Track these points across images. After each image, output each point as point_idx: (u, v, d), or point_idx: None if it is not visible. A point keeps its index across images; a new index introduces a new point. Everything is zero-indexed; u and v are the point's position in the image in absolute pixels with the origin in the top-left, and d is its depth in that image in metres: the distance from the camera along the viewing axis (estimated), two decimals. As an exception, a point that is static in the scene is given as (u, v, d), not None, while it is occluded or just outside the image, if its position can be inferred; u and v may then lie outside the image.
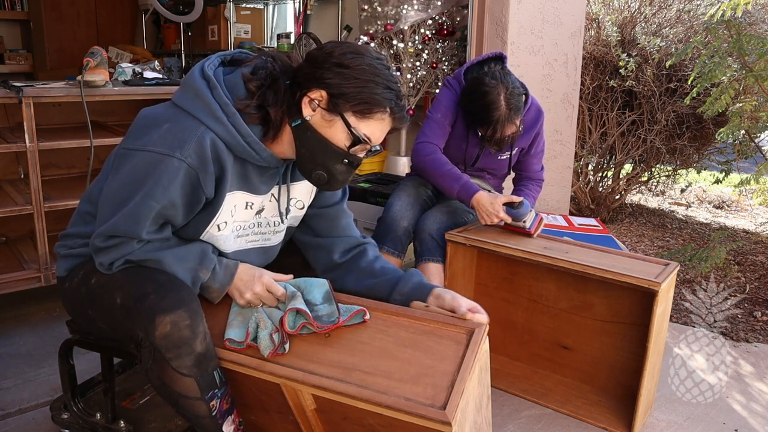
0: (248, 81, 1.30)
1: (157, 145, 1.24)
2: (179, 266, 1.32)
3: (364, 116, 1.30)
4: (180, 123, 1.27)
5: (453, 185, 2.10)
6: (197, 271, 1.34)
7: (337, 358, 1.25)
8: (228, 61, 1.39)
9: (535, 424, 1.92)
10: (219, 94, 1.28)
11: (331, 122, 1.30)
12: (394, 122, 1.34)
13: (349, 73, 1.27)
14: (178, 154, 1.23)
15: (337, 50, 1.29)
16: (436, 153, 2.15)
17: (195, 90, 1.29)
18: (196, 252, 1.35)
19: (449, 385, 1.16)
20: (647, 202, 4.78)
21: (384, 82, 1.29)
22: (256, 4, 4.76)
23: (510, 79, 2.02)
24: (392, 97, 1.30)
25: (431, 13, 3.26)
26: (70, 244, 1.45)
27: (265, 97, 1.30)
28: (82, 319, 1.47)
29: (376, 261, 1.56)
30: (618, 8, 3.99)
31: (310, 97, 1.29)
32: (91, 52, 2.37)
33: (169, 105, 1.33)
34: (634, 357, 1.96)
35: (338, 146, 1.32)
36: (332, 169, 1.34)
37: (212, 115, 1.27)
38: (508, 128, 2.03)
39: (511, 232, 2.09)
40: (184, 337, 1.22)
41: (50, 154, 2.63)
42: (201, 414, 1.30)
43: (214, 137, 1.27)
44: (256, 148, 1.31)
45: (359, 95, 1.27)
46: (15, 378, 2.07)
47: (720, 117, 3.62)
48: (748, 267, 3.29)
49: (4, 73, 4.99)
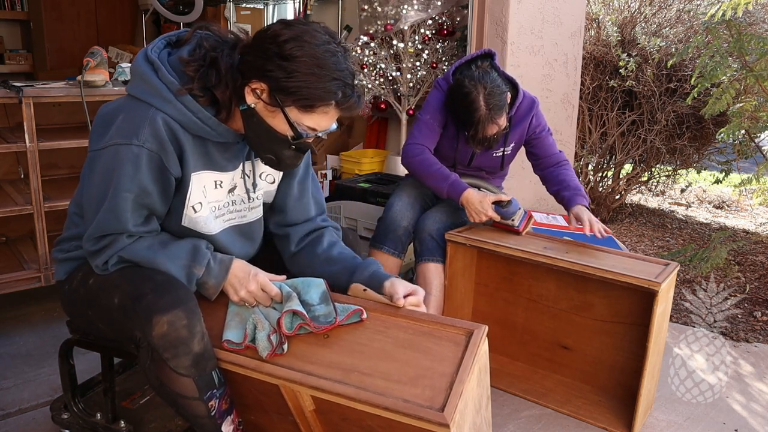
0: (186, 65, 1.28)
1: (114, 137, 1.25)
2: (172, 264, 1.32)
3: (306, 110, 1.28)
4: (132, 111, 1.28)
5: (442, 185, 2.10)
6: (191, 267, 1.34)
7: (336, 359, 1.25)
8: (174, 42, 1.37)
9: (535, 424, 1.92)
10: (164, 74, 1.27)
11: (274, 113, 1.29)
12: (341, 111, 1.31)
13: (290, 66, 1.23)
14: (135, 141, 1.24)
15: (281, 36, 1.24)
16: (424, 153, 2.13)
17: (140, 75, 1.29)
18: (187, 248, 1.35)
19: (448, 387, 1.16)
20: (647, 202, 4.77)
21: (328, 73, 1.24)
22: (256, 4, 4.75)
23: (489, 78, 1.98)
24: (337, 89, 1.26)
25: (431, 13, 3.26)
26: (66, 248, 1.46)
27: (207, 77, 1.28)
28: (82, 320, 1.47)
29: (332, 248, 1.53)
30: (618, 8, 3.99)
31: (251, 87, 1.28)
32: (91, 52, 2.37)
33: (124, 97, 1.34)
34: (634, 357, 1.96)
35: (283, 134, 1.31)
36: (280, 154, 1.34)
37: (160, 96, 1.27)
38: (489, 128, 2.00)
39: (500, 230, 2.11)
40: (181, 336, 1.22)
41: (50, 154, 2.63)
42: (200, 414, 1.30)
43: (165, 117, 1.27)
44: (210, 123, 1.31)
45: (300, 91, 1.24)
46: (15, 378, 2.07)
47: (720, 117, 3.61)
48: (748, 267, 3.29)
49: (4, 73, 4.99)
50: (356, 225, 3.07)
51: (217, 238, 1.43)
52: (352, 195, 3.10)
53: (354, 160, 3.64)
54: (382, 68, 3.38)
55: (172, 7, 4.23)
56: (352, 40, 3.72)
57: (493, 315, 2.24)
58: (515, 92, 2.13)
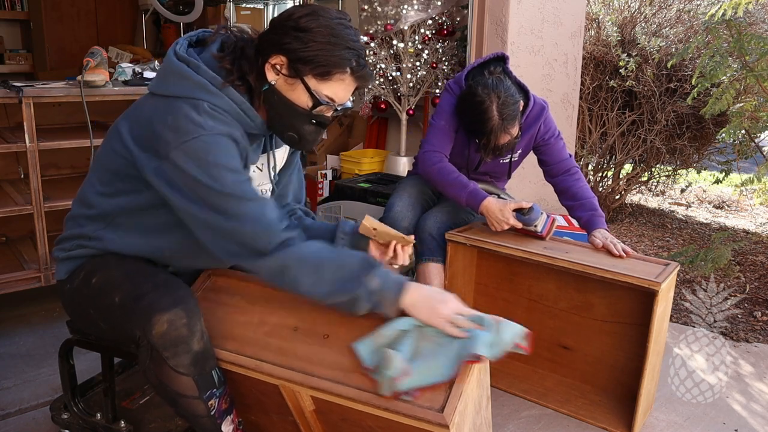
0: (220, 60, 1.31)
1: (179, 137, 1.22)
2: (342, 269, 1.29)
3: (324, 78, 1.30)
4: (178, 108, 1.25)
5: (461, 193, 2.07)
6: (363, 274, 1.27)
7: (336, 359, 1.25)
8: (194, 41, 1.39)
9: (535, 424, 1.92)
10: (204, 71, 1.28)
11: (293, 85, 1.31)
12: (356, 81, 1.34)
13: (306, 36, 1.27)
14: (202, 132, 1.23)
15: (296, 13, 1.29)
16: (443, 162, 2.11)
17: (179, 73, 1.28)
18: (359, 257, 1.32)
19: (447, 387, 1.16)
20: (647, 202, 4.77)
21: (342, 42, 1.29)
22: (256, 4, 4.75)
23: (503, 87, 1.96)
24: (351, 56, 1.30)
25: (431, 13, 3.26)
26: (67, 247, 1.45)
27: (241, 68, 1.31)
28: (83, 320, 1.47)
29: (303, 221, 1.59)
30: (618, 8, 3.99)
31: (271, 63, 1.30)
32: (91, 52, 2.37)
33: (151, 101, 1.31)
34: (634, 357, 1.96)
35: (303, 108, 1.33)
36: (301, 130, 1.36)
37: (204, 89, 1.27)
38: (502, 138, 1.98)
39: (523, 235, 2.07)
40: (181, 335, 1.22)
41: (50, 154, 2.63)
42: (199, 413, 1.30)
43: (210, 105, 1.26)
44: (251, 115, 1.33)
45: (317, 58, 1.28)
46: (15, 378, 2.07)
47: (720, 117, 3.61)
48: (748, 267, 3.29)
49: (4, 73, 4.99)
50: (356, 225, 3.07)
51: None
52: (352, 195, 3.10)
53: (354, 160, 3.64)
54: (382, 68, 3.38)
55: (172, 7, 4.23)
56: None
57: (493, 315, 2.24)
58: (526, 100, 2.10)
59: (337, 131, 4.13)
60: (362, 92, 3.48)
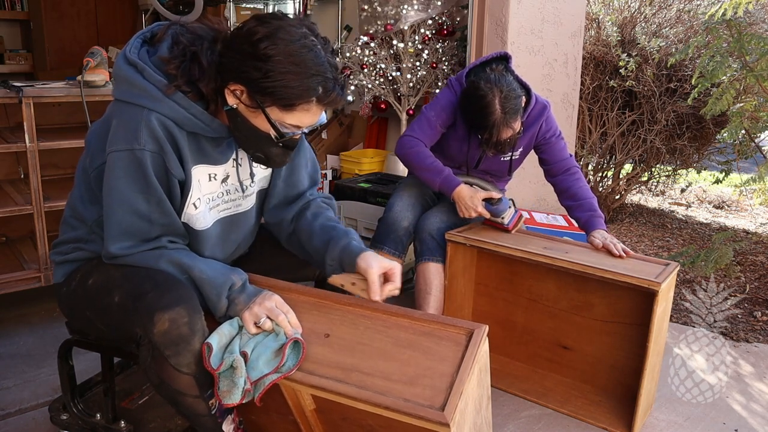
0: (167, 63, 1.26)
1: (113, 144, 1.24)
2: (212, 271, 1.33)
3: (287, 109, 1.26)
4: (125, 115, 1.26)
5: (435, 178, 2.10)
6: (230, 274, 1.34)
7: (336, 358, 1.25)
8: (149, 38, 1.35)
9: (535, 424, 1.92)
10: (150, 74, 1.25)
11: (255, 113, 1.28)
12: (324, 107, 1.29)
13: (265, 66, 1.20)
14: (136, 145, 1.23)
15: (255, 35, 1.21)
16: (419, 146, 2.13)
17: (125, 78, 1.27)
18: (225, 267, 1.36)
19: (448, 387, 1.16)
20: (647, 202, 4.77)
21: (305, 70, 1.21)
22: (256, 4, 4.75)
23: (506, 81, 1.97)
24: (317, 84, 1.23)
25: (431, 13, 3.26)
26: (63, 251, 1.45)
27: (189, 72, 1.26)
28: (81, 321, 1.47)
29: (315, 220, 1.52)
30: (618, 8, 3.99)
31: (230, 89, 1.27)
32: (91, 52, 2.37)
33: (111, 104, 1.33)
34: (634, 357, 1.96)
35: (267, 133, 1.30)
36: (268, 152, 1.34)
37: (149, 96, 1.25)
38: (504, 132, 1.99)
39: (489, 226, 2.13)
40: (183, 334, 1.22)
41: (50, 154, 2.63)
42: (200, 412, 1.30)
43: (159, 116, 1.25)
44: (203, 119, 1.30)
45: (278, 92, 1.22)
46: (15, 378, 2.07)
47: (720, 117, 3.62)
48: (748, 267, 3.29)
49: (4, 73, 4.99)
50: (356, 225, 3.07)
51: (209, 232, 1.41)
52: (352, 195, 3.10)
53: (354, 160, 3.64)
54: (382, 68, 3.39)
55: (172, 7, 4.23)
56: (352, 40, 3.72)
57: (493, 315, 2.24)
58: (528, 97, 2.11)
59: (337, 131, 4.13)
60: (362, 92, 3.48)
